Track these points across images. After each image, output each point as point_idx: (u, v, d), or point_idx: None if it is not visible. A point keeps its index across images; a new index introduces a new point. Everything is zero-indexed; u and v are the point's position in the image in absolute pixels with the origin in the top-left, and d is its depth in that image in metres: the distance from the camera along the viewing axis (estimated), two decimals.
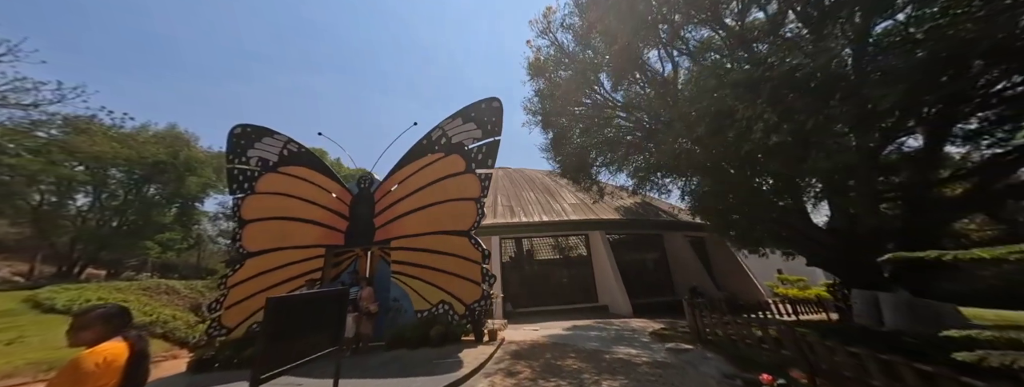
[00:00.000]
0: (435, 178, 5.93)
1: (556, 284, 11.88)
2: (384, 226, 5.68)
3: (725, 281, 11.88)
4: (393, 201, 5.83)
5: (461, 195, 5.77)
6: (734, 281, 12.26)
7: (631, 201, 15.05)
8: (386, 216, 5.74)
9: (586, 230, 11.74)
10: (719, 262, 13.14)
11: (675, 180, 10.93)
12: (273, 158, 6.10)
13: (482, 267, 5.31)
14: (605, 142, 8.03)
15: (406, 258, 5.46)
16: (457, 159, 6.01)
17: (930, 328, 4.47)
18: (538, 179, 18.03)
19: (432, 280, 5.29)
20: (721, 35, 6.75)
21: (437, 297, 5.20)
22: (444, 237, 5.55)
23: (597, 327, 7.23)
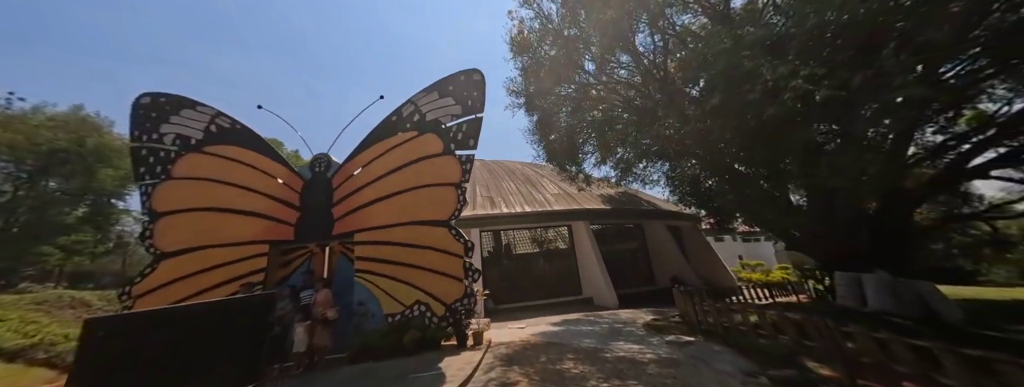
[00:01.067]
0: (407, 160, 5.15)
1: (539, 277, 11.54)
2: (345, 217, 4.81)
3: (700, 268, 12.27)
4: (356, 187, 4.96)
5: (439, 180, 5.06)
6: (708, 268, 12.72)
7: (613, 191, 15.05)
8: (347, 205, 4.86)
9: (570, 220, 11.46)
10: (693, 250, 13.59)
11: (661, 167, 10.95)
12: (196, 135, 4.91)
13: (464, 261, 4.69)
14: (593, 125, 7.64)
15: (373, 253, 4.67)
16: (433, 139, 5.27)
17: (913, 307, 4.65)
18: (519, 170, 17.55)
19: (405, 278, 4.57)
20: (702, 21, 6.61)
21: (411, 297, 4.50)
22: (419, 228, 4.83)
23: (587, 321, 6.92)
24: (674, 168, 9.15)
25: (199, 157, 4.82)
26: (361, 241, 4.72)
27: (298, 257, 4.87)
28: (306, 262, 4.89)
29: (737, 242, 21.16)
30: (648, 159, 9.95)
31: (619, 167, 12.59)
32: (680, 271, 10.85)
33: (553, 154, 8.93)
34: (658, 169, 12.50)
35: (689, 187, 8.92)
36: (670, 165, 9.39)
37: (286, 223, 4.68)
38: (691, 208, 10.05)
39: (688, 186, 9.03)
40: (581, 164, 10.00)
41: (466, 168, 5.15)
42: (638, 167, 12.45)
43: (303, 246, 4.83)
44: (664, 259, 11.81)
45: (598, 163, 12.55)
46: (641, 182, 13.18)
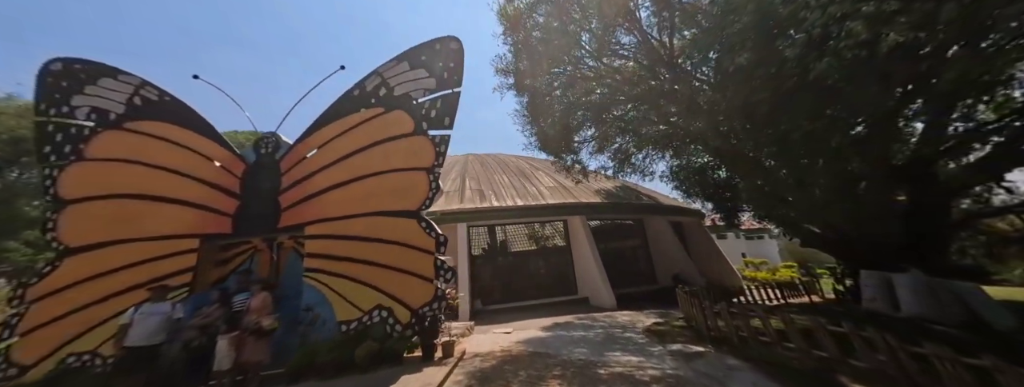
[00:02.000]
0: (371, 141, 4.45)
1: (532, 276, 10.92)
2: (294, 207, 4.12)
3: (704, 266, 11.68)
4: (308, 172, 4.26)
5: (408, 164, 4.37)
6: (712, 266, 12.14)
7: (612, 185, 14.41)
8: (297, 193, 4.17)
9: (565, 215, 10.80)
10: (697, 247, 12.99)
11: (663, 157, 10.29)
12: (116, 109, 4.18)
13: (436, 258, 4.03)
14: (589, 107, 6.91)
15: (327, 249, 4.00)
16: (402, 116, 4.56)
17: (954, 312, 4.05)
18: (512, 163, 16.88)
19: (365, 278, 3.90)
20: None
21: (371, 301, 3.84)
22: (383, 220, 4.16)
23: (580, 324, 6.29)
24: (679, 155, 8.47)
25: (119, 135, 4.10)
26: (312, 235, 4.04)
27: (239, 254, 4.19)
28: (249, 260, 4.21)
29: (740, 239, 20.65)
30: (650, 146, 9.29)
31: (617, 157, 11.89)
32: (683, 269, 10.24)
33: (545, 141, 8.22)
34: (659, 159, 11.79)
35: (696, 178, 8.24)
36: (673, 152, 8.72)
37: (222, 214, 3.98)
38: (696, 202, 9.37)
39: (694, 177, 8.36)
40: (577, 153, 9.30)
41: (440, 151, 4.46)
42: (637, 157, 11.75)
43: (245, 241, 4.14)
44: (666, 256, 11.20)
45: (595, 152, 11.86)
46: (640, 174, 12.44)
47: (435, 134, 4.52)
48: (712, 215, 10.24)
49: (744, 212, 8.54)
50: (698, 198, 9.81)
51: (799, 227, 6.50)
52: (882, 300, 4.56)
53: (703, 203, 10.07)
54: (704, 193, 8.41)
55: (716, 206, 9.17)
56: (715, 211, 9.19)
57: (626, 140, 11.19)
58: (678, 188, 9.71)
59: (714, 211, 9.14)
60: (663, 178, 12.08)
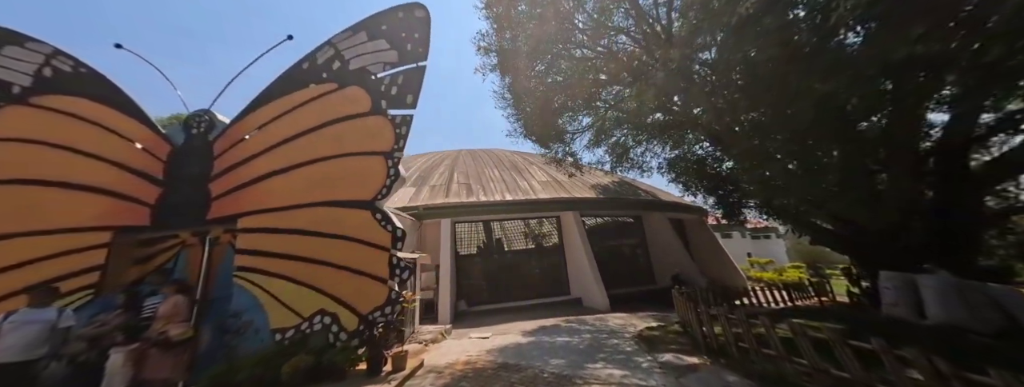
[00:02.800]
0: (322, 121, 3.93)
1: (522, 276, 10.43)
2: (227, 195, 3.61)
3: (706, 266, 11.19)
4: (246, 156, 3.74)
5: (363, 147, 3.86)
6: (715, 266, 11.66)
7: (609, 180, 13.91)
8: (232, 179, 3.66)
9: (558, 211, 10.29)
10: (699, 246, 12.50)
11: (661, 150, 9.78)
12: (22, 81, 3.65)
13: (391, 255, 3.53)
14: (581, 89, 6.37)
15: (264, 245, 3.49)
16: (358, 93, 4.04)
17: (988, 318, 3.57)
18: (507, 158, 16.39)
19: (306, 278, 3.41)
20: None
21: (312, 305, 3.34)
22: (332, 211, 3.65)
23: (567, 328, 5.81)
24: (678, 145, 7.95)
25: (22, 111, 3.58)
26: (247, 228, 3.53)
27: (164, 250, 3.68)
28: (176, 257, 3.70)
29: (746, 239, 20.16)
30: (648, 139, 8.77)
31: (614, 151, 11.39)
32: (683, 269, 9.75)
33: (531, 127, 7.70)
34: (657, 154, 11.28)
35: (694, 169, 7.72)
36: (672, 143, 8.19)
37: (141, 203, 3.47)
38: (697, 196, 8.84)
39: (693, 168, 7.84)
40: (569, 144, 8.77)
41: (400, 132, 3.94)
42: (635, 152, 11.24)
43: (171, 235, 3.63)
44: (666, 256, 10.70)
45: (591, 145, 11.39)
46: (639, 170, 12.01)
47: (396, 114, 4.00)
48: (714, 212, 9.73)
49: (748, 208, 8.03)
50: (699, 192, 9.28)
51: (805, 221, 5.99)
52: (905, 305, 4.06)
53: (705, 198, 9.54)
54: (704, 187, 7.89)
55: (718, 201, 8.66)
56: (717, 206, 8.67)
57: (623, 133, 10.69)
58: (676, 181, 9.19)
59: (716, 206, 8.63)
60: (661, 171, 11.50)
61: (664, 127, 7.29)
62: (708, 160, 7.64)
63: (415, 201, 9.68)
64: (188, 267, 3.62)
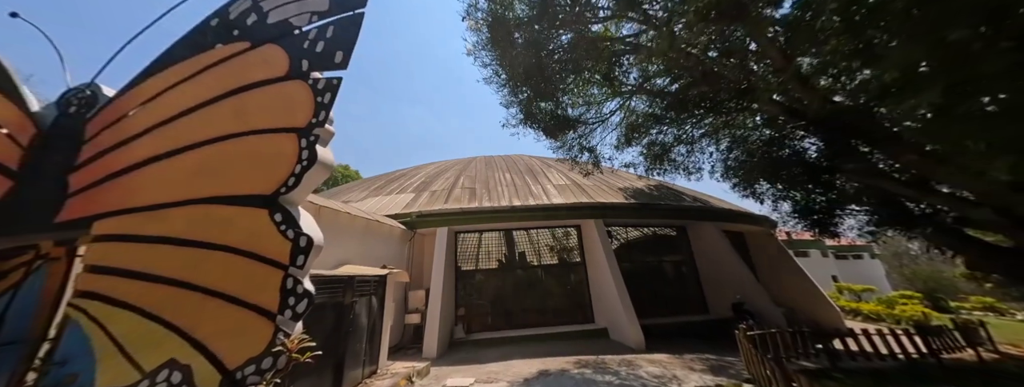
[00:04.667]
0: (223, 90, 3.00)
1: (536, 297, 8.92)
2: (87, 190, 2.75)
3: (779, 293, 8.75)
4: (125, 137, 2.90)
5: (272, 122, 2.85)
6: (793, 292, 9.19)
7: (643, 183, 12.09)
8: (99, 169, 2.81)
9: (578, 219, 8.75)
10: (767, 265, 10.05)
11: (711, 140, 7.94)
12: None
13: (286, 277, 2.39)
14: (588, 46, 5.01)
15: (119, 259, 2.54)
16: (274, 53, 3.08)
17: None
18: (523, 162, 15.27)
19: (162, 310, 2.36)
20: None
21: (162, 353, 2.26)
22: (218, 210, 2.63)
23: (579, 378, 4.25)
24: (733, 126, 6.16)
25: None
26: (104, 235, 2.61)
27: (19, 265, 2.87)
28: (33, 275, 2.87)
29: (828, 258, 16.34)
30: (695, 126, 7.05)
31: (651, 151, 9.75)
32: (747, 296, 7.57)
33: (535, 113, 6.37)
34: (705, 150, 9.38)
35: (762, 156, 5.85)
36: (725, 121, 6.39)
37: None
38: (764, 203, 6.80)
39: (758, 156, 5.96)
40: (586, 134, 7.31)
41: (323, 101, 2.86)
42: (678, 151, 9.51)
43: (28, 246, 2.82)
44: (721, 277, 8.54)
45: (620, 144, 9.84)
46: (683, 172, 10.15)
47: (318, 77, 2.95)
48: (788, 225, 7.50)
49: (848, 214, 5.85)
50: (766, 197, 7.23)
51: (964, 235, 3.89)
52: None
53: (775, 204, 7.45)
54: (776, 183, 5.93)
55: (797, 208, 6.54)
56: (796, 216, 6.56)
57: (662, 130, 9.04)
58: (732, 178, 7.24)
59: (795, 216, 6.51)
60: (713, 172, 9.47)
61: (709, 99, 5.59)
62: (781, 143, 5.71)
63: (411, 208, 8.71)
64: (43, 290, 2.75)
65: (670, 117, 8.54)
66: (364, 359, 4.18)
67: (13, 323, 2.59)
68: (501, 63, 5.59)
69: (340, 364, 3.66)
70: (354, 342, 3.90)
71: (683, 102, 6.28)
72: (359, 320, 4.07)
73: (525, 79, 5.11)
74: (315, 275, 3.63)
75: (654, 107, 8.82)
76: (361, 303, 4.16)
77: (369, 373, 4.32)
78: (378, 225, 6.60)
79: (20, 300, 2.68)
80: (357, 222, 5.98)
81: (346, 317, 3.82)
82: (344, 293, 3.84)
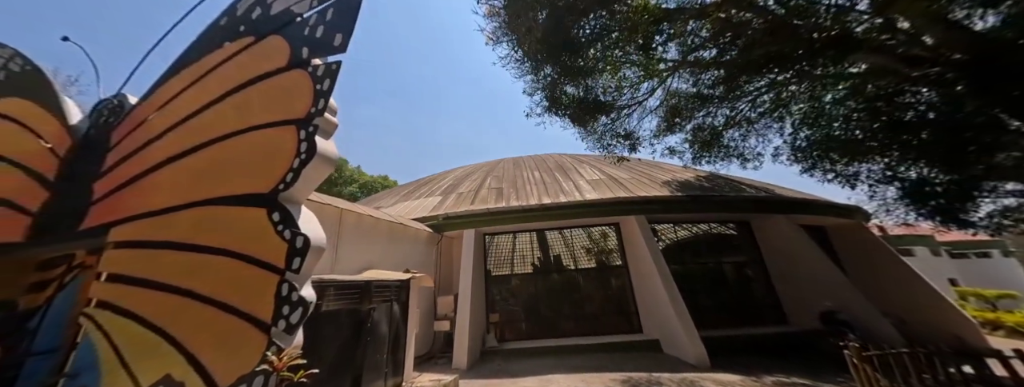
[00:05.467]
0: (229, 87, 2.92)
1: (573, 303, 8.25)
2: (109, 196, 2.77)
3: (884, 298, 7.15)
4: (142, 143, 2.91)
5: (272, 115, 2.67)
6: (897, 299, 7.50)
7: (691, 175, 10.90)
8: (120, 175, 2.83)
9: (616, 215, 7.96)
10: (861, 267, 8.37)
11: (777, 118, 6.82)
12: None
13: (282, 283, 2.12)
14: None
15: (127, 267, 2.47)
16: (276, 44, 2.94)
17: None
18: (552, 160, 14.69)
19: (163, 320, 2.22)
20: None
21: (159, 367, 2.09)
22: (220, 211, 2.48)
23: None
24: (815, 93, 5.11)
25: None
26: (116, 242, 2.58)
27: (65, 272, 2.98)
28: (73, 282, 2.96)
29: (941, 257, 13.11)
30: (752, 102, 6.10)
31: (697, 138, 8.71)
32: (841, 302, 6.21)
33: (560, 97, 5.77)
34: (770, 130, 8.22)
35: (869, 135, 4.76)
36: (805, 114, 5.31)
37: (24, 212, 2.86)
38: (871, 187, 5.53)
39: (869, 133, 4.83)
40: (620, 119, 6.59)
41: (322, 88, 2.62)
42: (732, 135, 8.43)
43: (67, 254, 2.92)
44: (800, 281, 7.18)
45: (661, 132, 8.91)
46: (738, 159, 8.93)
47: (318, 63, 2.72)
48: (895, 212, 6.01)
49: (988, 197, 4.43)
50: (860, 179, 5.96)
51: None
52: None
53: (872, 188, 6.10)
54: (881, 157, 4.75)
55: (910, 192, 5.18)
56: (907, 202, 5.20)
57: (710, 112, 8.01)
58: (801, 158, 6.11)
59: (906, 202, 5.16)
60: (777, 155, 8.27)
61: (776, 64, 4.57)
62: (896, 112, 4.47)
63: (437, 211, 8.55)
64: (77, 299, 2.81)
65: (719, 95, 7.46)
66: (386, 371, 3.90)
67: (46, 333, 2.64)
68: (520, 42, 5.10)
69: (358, 377, 3.39)
70: (373, 353, 3.63)
71: (740, 71, 5.30)
72: (379, 329, 3.80)
73: (549, 56, 4.53)
74: (329, 281, 3.42)
75: (699, 86, 7.76)
76: (381, 310, 3.89)
77: (392, 386, 4.01)
78: (403, 228, 6.46)
79: (54, 309, 2.75)
80: (381, 225, 5.86)
81: (364, 326, 3.54)
82: (361, 300, 3.58)
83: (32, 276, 2.82)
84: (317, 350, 3.12)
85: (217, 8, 3.30)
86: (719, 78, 6.66)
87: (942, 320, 6.41)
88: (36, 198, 2.90)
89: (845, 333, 4.93)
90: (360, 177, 36.55)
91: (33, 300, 2.81)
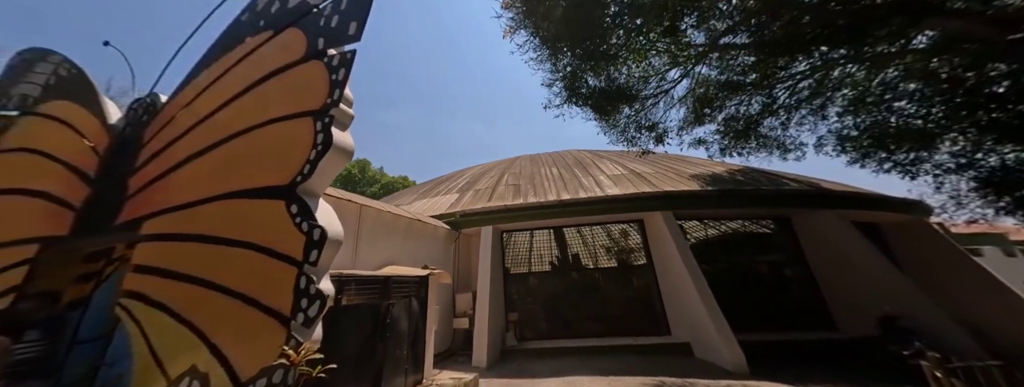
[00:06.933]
0: (249, 83, 2.96)
1: (595, 303, 8.02)
2: (141, 192, 2.89)
3: (945, 304, 6.38)
4: (170, 140, 3.02)
5: (289, 108, 2.68)
6: (966, 304, 6.74)
7: (721, 168, 10.33)
8: (151, 170, 2.94)
9: (640, 211, 7.63)
10: (918, 265, 7.60)
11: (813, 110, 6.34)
12: (34, 93, 3.90)
13: (300, 275, 2.10)
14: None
15: (159, 259, 2.56)
16: (293, 37, 2.95)
17: None
18: (570, 156, 14.43)
19: (190, 311, 2.26)
20: None
21: (186, 358, 2.13)
22: (240, 204, 2.51)
23: None
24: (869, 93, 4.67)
25: (27, 120, 3.75)
26: (149, 235, 2.67)
27: (106, 265, 3.15)
28: (113, 275, 3.12)
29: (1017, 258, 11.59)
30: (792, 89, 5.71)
31: (729, 128, 8.29)
32: (903, 307, 5.61)
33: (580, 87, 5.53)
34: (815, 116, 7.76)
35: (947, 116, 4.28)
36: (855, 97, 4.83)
37: (68, 207, 3.04)
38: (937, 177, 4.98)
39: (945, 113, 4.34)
40: (644, 109, 6.29)
41: (337, 78, 2.59)
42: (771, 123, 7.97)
43: (107, 248, 3.09)
44: (852, 282, 6.59)
45: (688, 124, 8.52)
46: (777, 150, 8.41)
47: (333, 54, 2.70)
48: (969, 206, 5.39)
49: None
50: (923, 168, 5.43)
51: None
52: None
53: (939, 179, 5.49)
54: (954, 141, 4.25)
55: (989, 181, 4.58)
56: (985, 193, 4.61)
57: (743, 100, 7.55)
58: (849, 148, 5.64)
59: (981, 194, 4.57)
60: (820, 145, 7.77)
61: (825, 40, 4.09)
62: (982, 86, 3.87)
63: (455, 208, 8.55)
64: (117, 289, 2.96)
65: (752, 82, 6.97)
66: (406, 367, 3.88)
67: (90, 322, 2.80)
68: (538, 27, 4.85)
69: (379, 373, 3.38)
70: (394, 349, 3.61)
71: (782, 52, 4.86)
72: (399, 325, 3.79)
73: (570, 42, 4.27)
74: (349, 275, 3.43)
75: (729, 73, 7.29)
76: (400, 306, 3.87)
77: (412, 383, 3.99)
78: (421, 225, 6.47)
79: (96, 300, 2.90)
80: (400, 222, 5.89)
81: (384, 321, 3.52)
82: (380, 295, 3.57)
83: (77, 268, 3.00)
84: (337, 345, 3.13)
85: (239, 5, 3.37)
86: (751, 64, 6.17)
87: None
88: (79, 194, 3.07)
89: (910, 341, 4.41)
90: (382, 178, 37.79)
91: (77, 291, 2.98)
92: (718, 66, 7.13)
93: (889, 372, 4.61)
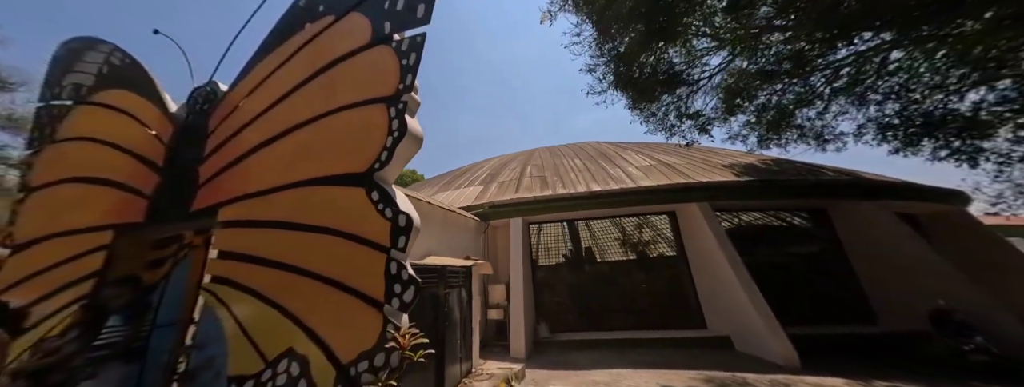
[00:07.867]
0: (313, 70, 2.95)
1: (627, 295, 8.03)
2: (212, 180, 2.92)
3: (1006, 297, 6.25)
4: (236, 129, 3.03)
5: (359, 94, 2.67)
6: (1017, 294, 6.59)
7: (754, 159, 10.14)
8: (220, 159, 2.97)
9: (672, 202, 7.55)
10: (957, 254, 7.40)
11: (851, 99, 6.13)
12: (88, 82, 3.94)
13: (390, 261, 2.11)
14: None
15: (240, 245, 2.59)
16: (356, 21, 2.91)
17: None
18: (591, 148, 14.29)
19: (282, 297, 2.30)
20: None
21: (281, 342, 2.17)
22: (317, 191, 2.52)
23: None
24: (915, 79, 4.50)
25: (83, 109, 3.81)
26: (228, 221, 2.71)
27: (177, 251, 3.22)
28: (183, 261, 3.19)
29: None
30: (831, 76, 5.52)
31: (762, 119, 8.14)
32: (955, 301, 5.48)
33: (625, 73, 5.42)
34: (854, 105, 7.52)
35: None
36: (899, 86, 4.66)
37: (140, 195, 3.09)
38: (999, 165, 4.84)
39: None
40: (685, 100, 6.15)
41: (408, 63, 2.56)
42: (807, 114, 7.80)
43: (177, 235, 3.15)
44: (896, 275, 6.47)
45: (721, 113, 8.35)
46: (814, 141, 8.24)
47: (400, 38, 2.66)
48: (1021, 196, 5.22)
49: None
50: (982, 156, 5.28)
51: None
52: None
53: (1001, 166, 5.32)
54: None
55: None
56: None
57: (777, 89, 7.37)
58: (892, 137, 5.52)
59: None
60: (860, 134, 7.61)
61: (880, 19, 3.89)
62: None
63: (481, 200, 8.55)
64: (189, 276, 3.03)
65: (786, 71, 6.78)
66: (460, 356, 3.94)
67: (167, 307, 2.87)
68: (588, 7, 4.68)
69: (441, 360, 3.43)
70: (451, 337, 3.66)
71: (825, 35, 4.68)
72: (454, 314, 3.83)
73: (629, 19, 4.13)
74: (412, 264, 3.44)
75: (763, 62, 7.09)
76: (453, 295, 3.90)
77: (466, 371, 4.06)
78: (455, 216, 6.48)
79: (172, 285, 2.98)
80: (436, 212, 5.91)
81: (441, 310, 3.57)
82: (438, 284, 3.60)
83: (151, 254, 3.06)
84: None
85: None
86: (788, 53, 5.97)
87: None
88: (149, 182, 3.13)
89: (969, 336, 4.33)
90: None
91: (153, 276, 3.06)
92: (751, 55, 6.94)
93: (941, 368, 4.53)
